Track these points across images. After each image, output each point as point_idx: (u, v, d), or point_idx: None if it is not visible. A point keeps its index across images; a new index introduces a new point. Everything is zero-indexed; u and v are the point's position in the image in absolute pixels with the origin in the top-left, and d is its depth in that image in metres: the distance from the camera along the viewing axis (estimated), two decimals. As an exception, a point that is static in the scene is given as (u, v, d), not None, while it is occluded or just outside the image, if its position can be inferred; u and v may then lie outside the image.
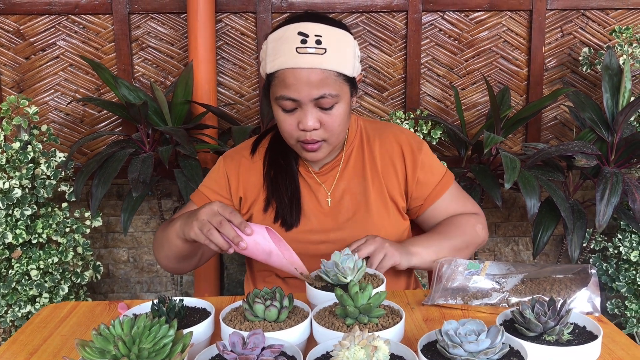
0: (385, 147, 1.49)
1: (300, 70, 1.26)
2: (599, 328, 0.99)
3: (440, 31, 2.70)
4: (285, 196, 1.43)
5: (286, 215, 1.43)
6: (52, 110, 2.67)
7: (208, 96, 2.51)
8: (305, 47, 1.26)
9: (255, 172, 1.48)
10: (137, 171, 2.11)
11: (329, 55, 1.27)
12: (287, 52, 1.26)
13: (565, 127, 2.79)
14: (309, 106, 1.29)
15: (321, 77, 1.27)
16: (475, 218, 1.52)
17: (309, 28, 1.28)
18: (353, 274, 1.17)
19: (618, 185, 2.14)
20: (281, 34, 1.29)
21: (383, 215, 1.45)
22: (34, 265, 2.21)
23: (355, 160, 1.48)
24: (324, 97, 1.28)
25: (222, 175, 1.50)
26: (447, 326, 0.91)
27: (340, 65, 1.30)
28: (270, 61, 1.30)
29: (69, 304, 1.37)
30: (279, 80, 1.29)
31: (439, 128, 2.48)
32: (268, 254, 1.19)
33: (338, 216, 1.45)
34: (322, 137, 1.33)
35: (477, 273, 1.24)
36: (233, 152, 1.53)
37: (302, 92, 1.27)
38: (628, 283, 2.51)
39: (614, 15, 2.70)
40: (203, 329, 1.06)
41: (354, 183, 1.46)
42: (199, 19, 2.46)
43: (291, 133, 1.34)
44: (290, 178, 1.45)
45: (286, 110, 1.32)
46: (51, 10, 2.57)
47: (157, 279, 2.84)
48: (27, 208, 2.21)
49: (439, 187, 1.49)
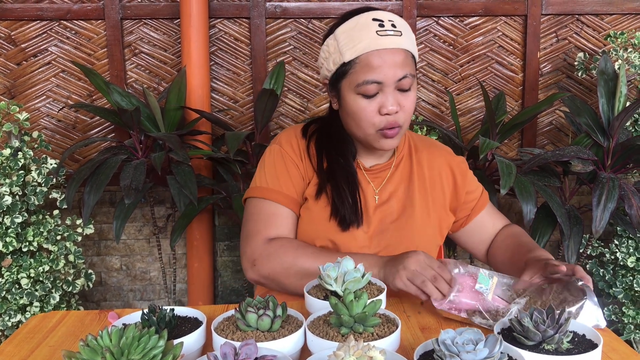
0: (434, 159, 1.51)
1: (385, 51, 1.29)
2: (599, 336, 0.97)
3: (435, 36, 2.69)
4: (349, 197, 1.39)
5: (349, 217, 1.38)
6: (44, 117, 2.64)
7: (202, 102, 2.49)
8: (384, 30, 1.30)
9: (311, 156, 1.44)
10: (130, 178, 2.08)
11: (405, 37, 1.33)
12: (367, 36, 1.30)
13: (561, 133, 2.78)
14: (391, 88, 1.31)
15: (404, 57, 1.31)
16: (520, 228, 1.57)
17: (381, 15, 1.33)
18: (339, 285, 1.15)
19: (614, 190, 2.12)
20: (354, 23, 1.33)
21: (425, 223, 1.46)
22: (24, 274, 2.17)
23: (404, 166, 1.49)
24: (406, 77, 1.32)
25: (287, 160, 1.43)
26: (444, 335, 0.89)
27: (413, 48, 1.35)
28: (349, 49, 1.32)
29: (58, 314, 1.35)
30: (362, 65, 1.31)
31: (434, 133, 2.46)
32: (472, 305, 1.18)
33: (383, 217, 1.44)
34: (401, 120, 1.34)
35: (486, 292, 1.21)
36: (286, 138, 1.47)
37: (388, 73, 1.29)
38: (625, 289, 2.50)
39: (609, 21, 2.69)
40: (194, 339, 1.04)
41: (401, 188, 1.47)
42: (192, 24, 2.45)
43: (372, 121, 1.34)
44: (352, 178, 1.41)
45: (367, 97, 1.32)
46: (43, 16, 2.55)
47: (150, 287, 2.81)
48: (17, 215, 2.18)
49: (482, 198, 1.55)
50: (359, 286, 1.15)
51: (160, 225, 2.66)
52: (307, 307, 1.18)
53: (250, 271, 1.39)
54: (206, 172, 2.51)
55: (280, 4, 2.60)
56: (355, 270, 1.17)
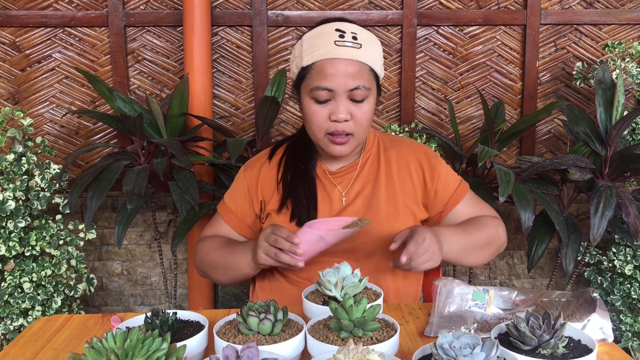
0: (402, 157, 1.54)
1: (339, 61, 1.35)
2: (593, 342, 0.99)
3: (435, 45, 2.72)
4: (302, 197, 1.48)
5: (302, 215, 1.46)
6: (47, 122, 2.67)
7: (204, 109, 2.51)
8: (343, 41, 1.35)
9: (272, 176, 1.54)
10: (132, 183, 2.10)
11: (365, 50, 1.37)
12: (326, 44, 1.36)
13: (559, 141, 2.80)
14: (342, 97, 1.36)
15: (358, 69, 1.36)
16: (497, 220, 1.55)
17: (345, 26, 1.38)
18: (339, 290, 1.17)
19: (612, 198, 2.14)
20: (318, 31, 1.40)
21: (392, 218, 1.48)
22: (26, 278, 2.19)
23: (370, 167, 1.53)
24: (358, 89, 1.36)
25: (243, 186, 1.56)
26: (442, 340, 0.91)
27: (374, 62, 1.39)
28: (307, 54, 1.38)
29: (61, 317, 1.36)
30: (317, 71, 1.37)
31: (433, 141, 2.48)
32: (322, 240, 1.27)
33: (349, 215, 1.48)
34: (351, 129, 1.39)
35: (484, 307, 1.23)
36: (252, 162, 1.60)
37: (339, 81, 1.35)
38: (623, 297, 2.51)
39: (607, 31, 2.72)
40: (196, 342, 1.06)
41: (367, 187, 1.51)
42: (194, 32, 2.47)
43: (321, 125, 1.40)
44: (309, 181, 1.50)
45: (319, 102, 1.38)
46: (47, 23, 2.58)
47: (150, 292, 2.83)
48: (20, 220, 2.19)
49: (456, 194, 1.54)
50: (357, 291, 1.17)
51: (162, 230, 2.68)
52: (305, 312, 1.20)
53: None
54: (208, 178, 2.53)
55: (282, 12, 2.62)
56: (353, 275, 1.19)
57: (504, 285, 2.93)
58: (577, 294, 1.23)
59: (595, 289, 1.21)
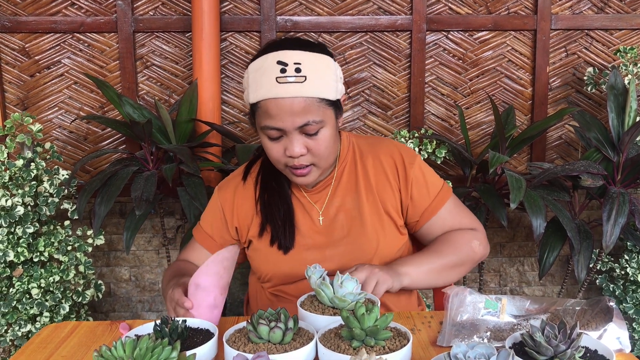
0: (379, 161, 1.47)
1: (282, 100, 1.26)
2: (611, 352, 0.97)
3: (445, 50, 2.70)
4: (278, 219, 1.43)
5: (281, 238, 1.43)
6: (56, 128, 2.67)
7: (212, 114, 2.50)
8: (284, 77, 1.26)
9: (248, 198, 1.49)
10: (141, 189, 2.09)
11: (310, 82, 1.27)
12: (267, 82, 1.27)
13: (570, 147, 2.78)
14: (294, 134, 1.30)
15: (303, 105, 1.27)
16: (472, 234, 1.49)
17: (287, 56, 1.28)
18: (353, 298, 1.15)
19: (625, 205, 2.12)
20: (260, 64, 1.30)
21: (378, 231, 1.44)
22: (35, 284, 2.19)
23: (348, 177, 1.47)
24: (308, 125, 1.29)
25: (217, 209, 1.52)
26: (456, 349, 0.89)
27: (322, 91, 1.29)
28: (252, 92, 1.31)
29: (70, 324, 1.35)
30: (262, 111, 1.30)
31: (443, 147, 2.47)
32: (209, 288, 1.24)
33: (333, 233, 1.44)
34: (310, 161, 1.34)
35: (497, 315, 1.21)
36: (225, 183, 1.54)
37: (286, 121, 1.28)
38: (635, 305, 2.48)
39: (618, 36, 2.70)
40: (206, 350, 1.04)
41: (347, 200, 1.45)
42: (203, 37, 2.47)
43: (279, 159, 1.35)
44: (282, 200, 1.45)
45: (272, 139, 1.33)
46: (56, 29, 2.58)
47: (158, 298, 2.82)
48: (29, 226, 2.19)
49: (434, 203, 1.47)
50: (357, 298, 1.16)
51: (170, 236, 2.67)
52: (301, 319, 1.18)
53: None
54: (216, 184, 2.51)
55: (291, 18, 2.62)
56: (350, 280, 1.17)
57: (515, 292, 2.90)
58: (592, 302, 1.21)
59: (611, 298, 1.18)
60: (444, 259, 1.42)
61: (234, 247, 1.20)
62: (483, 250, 1.50)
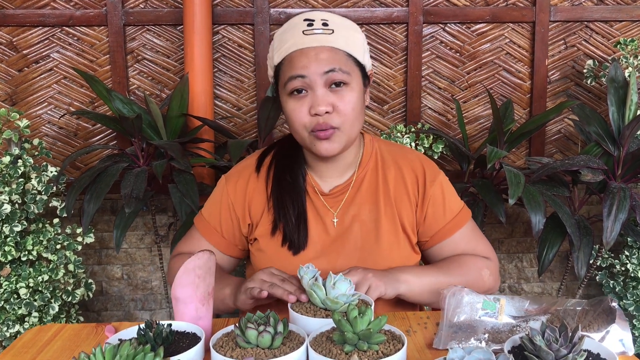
0: (401, 174, 1.39)
1: (308, 49, 1.23)
2: (614, 355, 0.93)
3: (442, 43, 2.65)
4: (292, 216, 1.34)
5: (293, 237, 1.33)
6: (46, 124, 2.62)
7: (205, 109, 2.45)
8: (311, 29, 1.24)
9: (260, 192, 1.38)
10: (130, 187, 2.04)
11: (337, 35, 1.25)
12: (293, 36, 1.25)
13: (570, 141, 2.73)
14: (318, 84, 1.23)
15: (330, 54, 1.23)
16: (484, 262, 1.40)
17: (315, 14, 1.27)
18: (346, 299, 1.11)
19: (625, 201, 2.07)
20: (286, 26, 1.29)
21: (393, 248, 1.36)
22: (23, 284, 2.14)
23: (369, 185, 1.38)
24: (334, 71, 1.23)
25: (226, 200, 1.40)
26: (452, 354, 0.85)
27: (350, 47, 1.26)
28: (277, 51, 1.27)
29: (54, 327, 1.31)
30: (287, 64, 1.26)
31: (440, 142, 2.42)
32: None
33: (346, 244, 1.36)
34: (335, 123, 1.25)
35: (495, 316, 1.16)
36: (236, 173, 1.43)
37: (310, 67, 1.22)
38: (636, 301, 2.44)
39: (618, 27, 2.65)
40: (191, 356, 1.00)
41: (364, 210, 1.36)
42: (195, 30, 2.42)
43: (303, 122, 1.26)
44: (296, 196, 1.35)
45: (296, 95, 1.25)
46: (45, 22, 2.53)
47: (151, 297, 2.77)
48: (16, 224, 2.14)
49: (449, 226, 1.39)
50: (350, 300, 1.11)
51: (162, 234, 2.62)
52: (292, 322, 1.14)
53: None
54: (209, 180, 2.47)
55: (285, 10, 2.57)
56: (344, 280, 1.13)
57: (513, 289, 2.86)
58: (593, 302, 1.17)
59: (614, 298, 1.14)
60: (449, 278, 1.32)
61: (205, 253, 1.11)
62: (493, 283, 1.41)
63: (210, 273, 1.15)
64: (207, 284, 1.15)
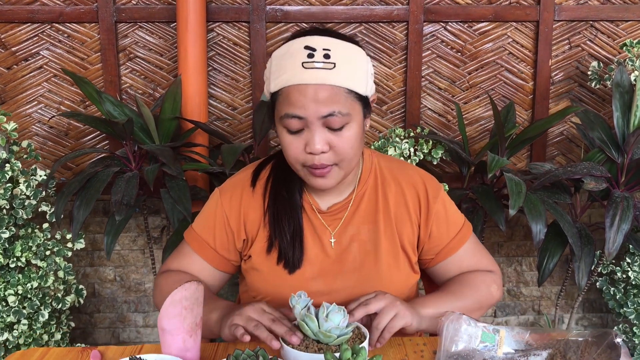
0: (401, 191, 1.35)
1: (306, 87, 1.14)
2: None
3: (442, 42, 2.58)
4: (287, 232, 1.29)
5: (288, 255, 1.29)
6: (36, 123, 2.55)
7: (199, 109, 2.39)
8: (312, 62, 1.14)
9: (256, 208, 1.34)
10: (121, 193, 1.99)
11: (339, 70, 1.15)
12: (292, 67, 1.15)
13: (572, 144, 2.67)
14: (316, 125, 1.16)
15: (330, 94, 1.15)
16: (491, 277, 1.39)
17: (316, 41, 1.17)
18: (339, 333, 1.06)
19: (629, 211, 2.03)
20: (286, 50, 1.19)
21: (392, 269, 1.32)
22: (11, 291, 2.09)
23: (368, 204, 1.34)
24: (333, 115, 1.15)
25: (221, 214, 1.35)
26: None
27: (351, 82, 1.17)
28: (275, 78, 1.19)
29: (37, 351, 1.27)
30: (284, 97, 1.17)
31: (440, 147, 2.35)
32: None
33: (343, 264, 1.32)
34: (332, 160, 1.20)
35: (494, 349, 1.12)
36: (231, 186, 1.38)
37: (308, 109, 1.15)
38: (637, 309, 2.40)
39: (624, 27, 2.58)
40: (176, 401, 0.95)
41: (363, 230, 1.32)
42: (189, 28, 2.34)
43: (297, 157, 1.21)
44: (292, 212, 1.30)
45: (292, 132, 1.19)
46: (34, 19, 2.45)
47: (144, 299, 2.73)
48: (4, 230, 2.09)
49: (453, 242, 1.37)
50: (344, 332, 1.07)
51: (155, 235, 2.57)
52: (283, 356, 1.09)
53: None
54: (202, 184, 2.41)
55: (282, 7, 2.49)
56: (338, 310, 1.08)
57: (512, 292, 2.82)
58: (596, 334, 1.12)
59: (618, 333, 1.09)
60: (464, 302, 1.31)
61: (192, 284, 1.06)
62: (499, 296, 1.40)
63: (198, 304, 1.10)
64: (194, 315, 1.10)
